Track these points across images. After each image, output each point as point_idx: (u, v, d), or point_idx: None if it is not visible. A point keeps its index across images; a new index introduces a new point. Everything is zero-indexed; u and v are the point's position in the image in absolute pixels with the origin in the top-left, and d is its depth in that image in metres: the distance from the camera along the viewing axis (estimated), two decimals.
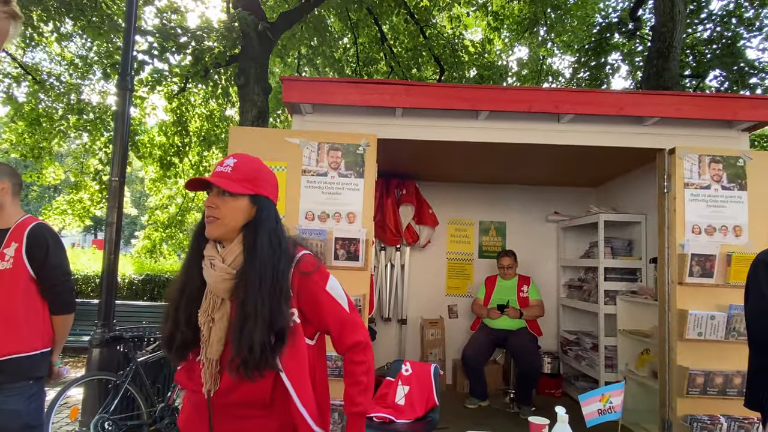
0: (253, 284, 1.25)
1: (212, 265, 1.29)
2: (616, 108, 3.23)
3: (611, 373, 4.31)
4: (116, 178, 3.74)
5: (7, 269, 2.00)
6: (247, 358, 1.21)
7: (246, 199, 1.32)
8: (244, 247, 1.31)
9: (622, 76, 10.21)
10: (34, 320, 2.06)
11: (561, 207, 5.41)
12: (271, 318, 1.24)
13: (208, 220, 1.31)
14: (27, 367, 2.00)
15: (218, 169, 1.32)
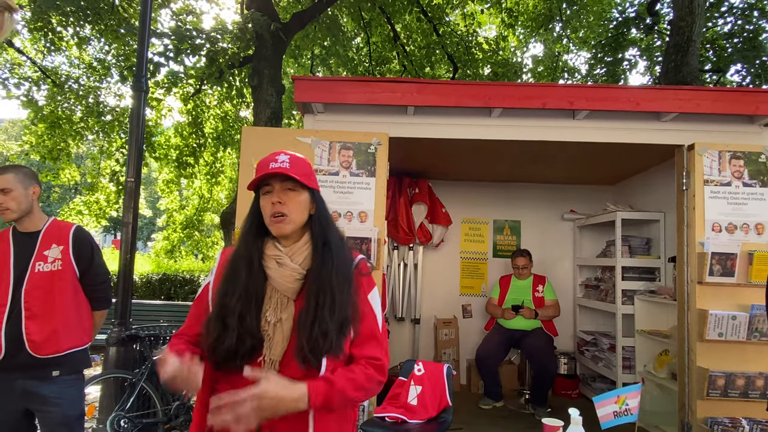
0: (327, 278, 1.26)
1: (280, 264, 1.28)
2: (632, 104, 3.16)
3: (629, 374, 4.22)
4: (132, 178, 3.78)
5: (57, 271, 2.13)
6: (320, 343, 1.20)
7: (307, 193, 1.33)
8: (313, 244, 1.31)
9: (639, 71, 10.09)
10: (84, 316, 2.22)
11: (577, 205, 5.33)
12: (342, 309, 1.25)
13: (276, 218, 1.28)
14: (80, 360, 2.19)
15: (275, 165, 1.29)
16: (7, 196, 2.08)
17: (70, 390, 2.12)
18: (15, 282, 2.07)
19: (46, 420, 2.08)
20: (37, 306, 2.06)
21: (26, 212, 2.14)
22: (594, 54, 9.34)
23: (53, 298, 2.10)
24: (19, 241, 2.14)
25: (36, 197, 2.18)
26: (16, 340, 2.02)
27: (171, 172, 9.72)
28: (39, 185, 2.20)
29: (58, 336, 2.08)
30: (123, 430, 3.17)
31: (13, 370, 2.04)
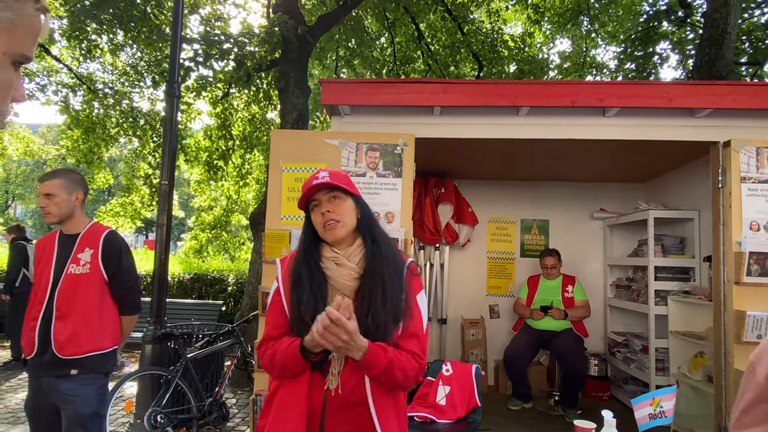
0: (378, 272, 1.37)
1: (339, 265, 1.40)
2: (665, 100, 3.08)
3: (662, 376, 4.13)
4: (165, 181, 3.90)
5: (85, 273, 2.19)
6: (372, 334, 1.29)
7: (351, 199, 1.46)
8: (365, 245, 1.44)
9: (671, 66, 9.75)
10: (108, 320, 2.26)
11: (607, 204, 5.23)
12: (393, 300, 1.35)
13: (329, 225, 1.41)
14: (100, 363, 2.21)
15: (317, 182, 1.42)
16: (50, 201, 2.17)
17: (86, 389, 2.16)
18: (53, 282, 2.16)
19: (65, 415, 2.17)
20: (66, 307, 2.14)
21: (67, 216, 2.22)
22: (624, 49, 9.12)
23: (79, 301, 2.16)
24: (62, 242, 2.24)
25: (79, 202, 2.26)
26: (45, 339, 2.12)
27: (201, 174, 9.94)
28: (84, 191, 2.29)
29: (79, 338, 2.14)
30: (159, 425, 3.27)
31: (41, 367, 2.14)
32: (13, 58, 0.60)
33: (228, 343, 4.11)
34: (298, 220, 3.18)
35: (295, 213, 3.20)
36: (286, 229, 3.16)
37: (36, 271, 2.25)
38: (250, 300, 6.28)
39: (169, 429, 3.38)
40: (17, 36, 0.60)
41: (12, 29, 0.59)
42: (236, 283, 8.54)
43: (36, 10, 0.61)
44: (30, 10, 0.60)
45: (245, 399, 5.05)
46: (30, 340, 2.14)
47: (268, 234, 3.17)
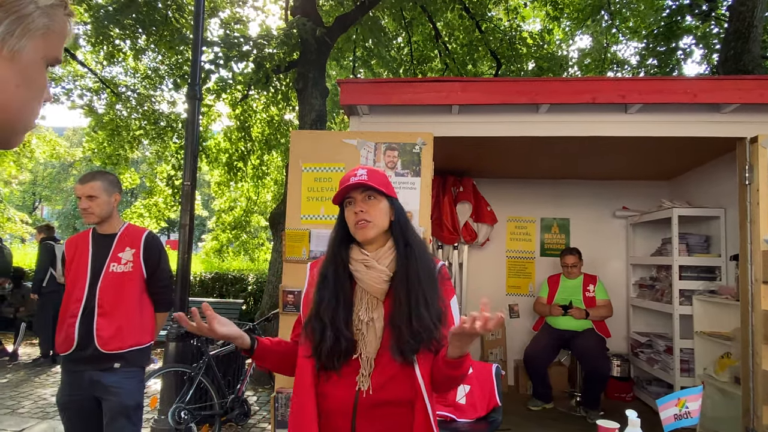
0: (414, 275, 1.36)
1: (369, 267, 1.39)
2: (689, 95, 3.02)
3: (687, 377, 4.05)
4: (188, 182, 3.96)
5: (128, 272, 2.29)
6: (422, 337, 1.29)
7: (386, 201, 1.44)
8: (396, 247, 1.42)
9: (695, 61, 9.57)
10: (146, 316, 2.36)
11: (629, 202, 5.14)
12: (434, 302, 1.34)
13: (360, 225, 1.40)
14: (140, 357, 2.32)
15: (355, 179, 1.40)
16: (93, 202, 2.26)
17: (129, 381, 2.26)
18: (91, 280, 2.24)
19: (108, 407, 2.23)
20: (108, 304, 2.22)
21: (106, 217, 2.31)
22: (646, 44, 8.95)
23: (121, 298, 2.25)
24: (97, 242, 2.32)
25: (116, 204, 2.35)
26: (87, 335, 2.19)
27: (221, 175, 10.09)
28: (120, 192, 2.38)
29: (123, 334, 2.23)
30: (183, 421, 3.33)
31: (82, 361, 2.21)
32: (47, 62, 0.64)
33: None
34: (318, 220, 3.20)
35: (315, 212, 3.23)
36: (306, 228, 3.19)
37: (70, 269, 2.32)
38: (270, 299, 6.35)
39: (192, 425, 3.45)
40: (51, 41, 0.63)
41: (47, 34, 0.62)
42: (256, 282, 8.65)
43: (65, 15, 0.64)
44: (61, 16, 0.64)
45: (266, 396, 5.12)
46: (69, 336, 2.21)
47: (288, 233, 3.21)
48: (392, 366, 1.31)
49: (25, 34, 0.59)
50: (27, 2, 0.58)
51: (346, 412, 1.33)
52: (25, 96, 0.61)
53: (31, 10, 0.59)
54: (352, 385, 1.34)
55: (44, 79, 0.64)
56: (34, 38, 0.60)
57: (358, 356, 1.35)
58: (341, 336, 1.34)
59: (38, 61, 0.62)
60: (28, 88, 0.61)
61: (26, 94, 0.61)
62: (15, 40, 0.58)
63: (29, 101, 0.62)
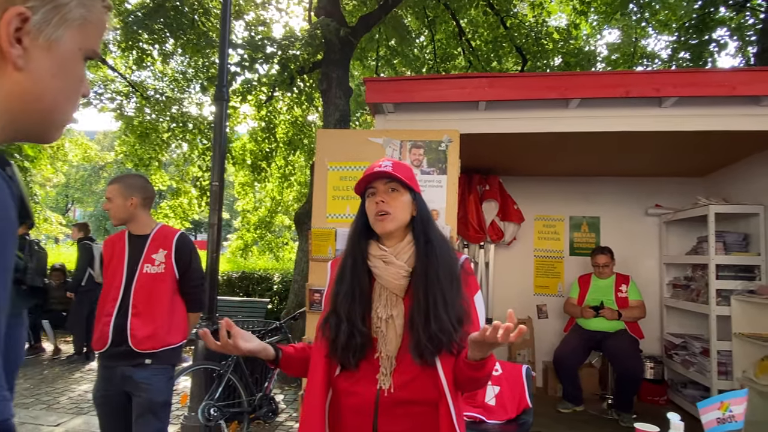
0: (434, 274, 1.31)
1: (387, 263, 1.35)
2: (727, 88, 2.92)
3: (725, 380, 3.90)
4: (216, 182, 4.02)
5: (160, 273, 2.33)
6: (440, 339, 1.25)
7: (408, 194, 1.40)
8: (416, 242, 1.38)
9: (729, 53, 9.21)
10: (177, 316, 2.40)
11: (663, 199, 4.99)
12: (454, 303, 1.30)
13: (380, 217, 1.36)
14: (172, 356, 2.36)
15: (379, 169, 1.37)
16: (110, 204, 2.33)
17: (159, 378, 2.30)
18: (126, 281, 2.29)
19: (137, 403, 2.28)
20: (142, 304, 2.27)
21: (125, 220, 2.36)
22: (677, 37, 8.69)
23: (154, 299, 2.30)
24: (132, 243, 2.37)
25: (134, 207, 2.36)
26: (120, 333, 2.24)
27: (246, 176, 10.22)
28: (141, 195, 2.39)
29: (156, 334, 2.28)
30: (213, 418, 3.37)
31: (115, 358, 2.27)
32: (85, 54, 0.63)
33: (276, 339, 4.20)
34: (344, 219, 3.20)
35: (341, 211, 3.23)
36: (332, 227, 3.20)
37: (108, 269, 2.38)
38: (296, 297, 6.40)
39: (221, 422, 3.49)
40: (89, 32, 0.63)
41: (84, 25, 0.62)
42: (281, 281, 8.73)
43: (103, 7, 0.64)
44: (99, 7, 0.63)
45: (292, 395, 5.15)
46: (104, 335, 2.26)
47: (315, 232, 3.22)
48: (414, 366, 1.28)
49: (62, 23, 0.58)
50: None
51: (368, 410, 1.31)
52: (62, 86, 0.61)
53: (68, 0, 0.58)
54: (373, 382, 1.32)
55: (82, 70, 0.64)
56: (71, 28, 0.60)
57: (378, 355, 1.33)
58: (356, 331, 1.32)
59: (75, 51, 0.62)
60: (64, 79, 0.61)
61: (62, 84, 0.61)
62: (52, 29, 0.58)
63: (65, 92, 0.62)
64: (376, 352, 1.34)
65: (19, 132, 0.60)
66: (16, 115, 0.58)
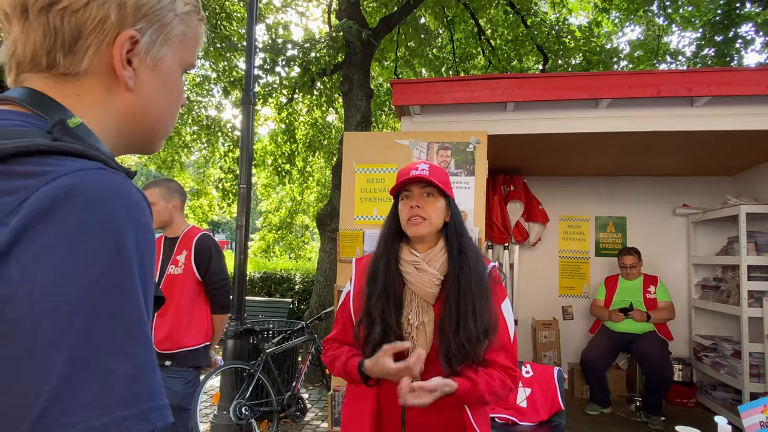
0: (466, 285, 1.32)
1: (419, 270, 1.36)
2: (762, 86, 2.87)
3: (758, 383, 3.83)
4: (244, 185, 4.08)
5: (180, 274, 2.35)
6: (465, 349, 1.28)
7: (443, 200, 1.40)
8: (449, 250, 1.38)
9: (755, 49, 8.98)
10: (200, 318, 2.41)
11: (691, 199, 4.91)
12: (483, 316, 1.31)
13: (414, 221, 1.37)
14: (191, 358, 2.36)
15: (415, 173, 1.37)
16: (153, 208, 2.34)
17: (174, 381, 2.29)
18: (157, 283, 2.33)
19: None
20: (164, 306, 2.28)
21: (166, 223, 2.40)
22: (702, 34, 8.53)
23: (175, 300, 2.31)
24: (165, 246, 2.42)
25: (176, 209, 2.42)
26: None
27: (268, 177, 10.33)
28: (181, 198, 2.45)
29: (175, 335, 2.29)
30: (244, 416, 3.43)
31: None
32: (183, 68, 0.66)
33: (302, 339, 4.24)
34: (371, 220, 3.23)
35: (368, 213, 3.26)
36: (360, 229, 3.23)
37: None
38: (319, 298, 6.45)
39: (252, 421, 3.54)
40: (187, 47, 0.65)
41: (184, 42, 0.64)
42: (302, 281, 8.81)
43: (198, 21, 0.67)
44: (195, 21, 0.66)
45: (317, 394, 5.20)
46: None
47: (342, 234, 3.25)
48: (441, 372, 1.30)
49: (166, 42, 0.61)
50: (167, 10, 0.60)
51: (397, 404, 1.32)
52: (166, 102, 0.64)
53: (170, 18, 0.61)
54: None
55: (182, 84, 0.67)
56: (173, 46, 0.62)
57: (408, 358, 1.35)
58: (390, 331, 1.34)
59: (176, 67, 0.64)
60: (168, 95, 0.64)
61: (166, 100, 0.64)
62: (157, 48, 0.60)
63: (169, 107, 0.65)
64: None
65: (128, 146, 0.63)
66: (126, 131, 0.61)
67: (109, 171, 0.50)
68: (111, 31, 0.55)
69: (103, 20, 0.54)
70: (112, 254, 0.45)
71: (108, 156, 0.53)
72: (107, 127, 0.59)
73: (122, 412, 0.43)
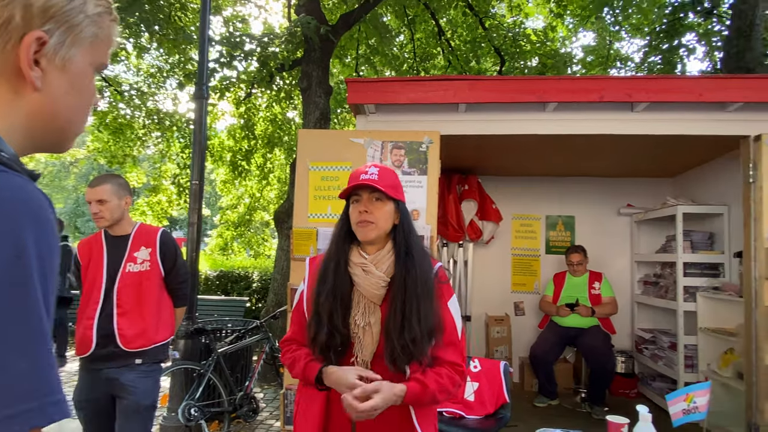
0: (412, 287, 1.35)
1: (367, 272, 1.39)
2: (695, 94, 3.05)
3: (691, 373, 4.08)
4: (196, 181, 3.99)
5: (145, 271, 2.31)
6: (410, 350, 1.31)
7: (392, 204, 1.43)
8: (396, 252, 1.41)
9: (698, 58, 9.51)
10: (165, 313, 2.39)
11: (634, 199, 5.17)
12: (427, 317, 1.34)
13: (362, 224, 1.40)
14: (161, 352, 2.35)
15: (365, 177, 1.40)
16: (103, 206, 2.26)
17: (146, 380, 2.27)
18: (107, 282, 2.26)
19: (123, 406, 2.25)
20: (129, 304, 2.25)
21: (117, 220, 2.32)
22: (648, 41, 8.96)
23: (142, 297, 2.28)
24: (111, 243, 2.34)
25: (127, 207, 2.36)
26: (106, 335, 2.21)
27: (227, 174, 10.12)
28: (131, 195, 2.40)
29: (147, 331, 2.26)
30: (193, 418, 3.37)
31: (101, 360, 2.23)
32: (95, 68, 0.66)
33: (256, 338, 4.20)
34: (325, 218, 3.23)
35: (322, 211, 3.26)
36: (313, 227, 3.22)
37: (87, 273, 2.34)
38: (276, 296, 6.39)
39: (202, 422, 3.49)
40: (99, 48, 0.65)
41: (95, 43, 0.64)
42: (260, 279, 8.69)
43: (110, 21, 0.67)
44: (107, 22, 0.66)
45: (272, 393, 5.16)
46: (87, 338, 2.22)
47: (296, 232, 3.24)
48: (387, 372, 1.33)
49: (75, 43, 0.61)
50: (76, 12, 0.60)
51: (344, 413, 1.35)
52: (75, 102, 0.64)
53: (80, 19, 0.61)
54: None
55: (93, 85, 0.67)
56: (83, 46, 0.62)
57: (354, 359, 1.38)
58: (336, 332, 1.37)
59: (87, 67, 0.64)
60: (77, 95, 0.64)
61: (76, 100, 0.64)
62: (66, 49, 0.60)
63: (79, 107, 0.65)
64: (353, 356, 1.39)
65: (37, 146, 0.63)
66: (35, 132, 0.61)
67: (10, 173, 0.50)
68: (16, 32, 0.55)
69: (7, 21, 0.54)
70: (10, 257, 0.46)
71: (10, 157, 0.52)
72: (14, 127, 0.58)
73: (22, 406, 0.45)
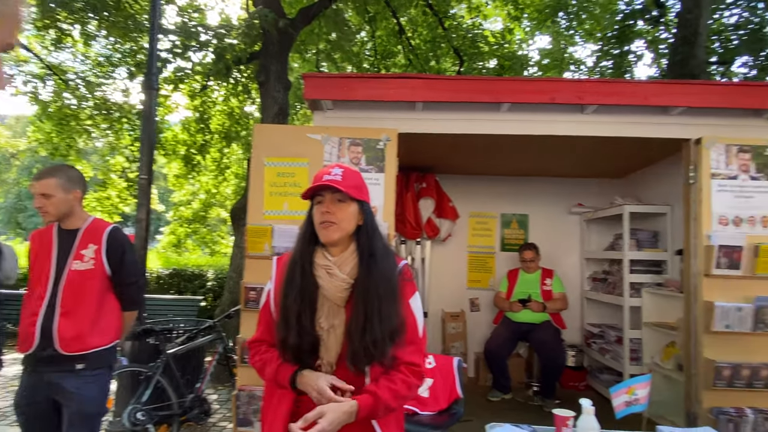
0: (374, 289, 1.34)
1: (330, 275, 1.37)
2: (641, 98, 3.17)
3: (636, 365, 4.27)
4: (144, 176, 3.84)
5: (89, 270, 2.16)
6: (371, 352, 1.30)
7: (356, 205, 1.41)
8: (359, 254, 1.39)
9: (646, 64, 10.07)
10: (110, 315, 2.24)
11: (584, 199, 5.35)
12: (389, 318, 1.33)
13: (324, 225, 1.38)
14: (105, 357, 2.20)
15: (328, 177, 1.38)
16: (48, 201, 2.12)
17: (90, 386, 2.14)
18: (54, 278, 2.12)
19: (68, 413, 2.12)
20: (70, 304, 2.11)
21: (65, 215, 2.18)
22: (600, 46, 9.31)
23: (83, 297, 2.14)
24: (61, 238, 2.19)
25: (77, 201, 2.21)
26: (47, 335, 2.08)
27: (179, 168, 9.79)
28: (82, 188, 2.23)
29: (84, 335, 2.12)
30: (140, 422, 3.23)
31: (42, 362, 2.09)
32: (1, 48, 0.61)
33: (209, 338, 4.08)
34: (281, 215, 3.17)
35: (278, 208, 3.19)
36: (269, 224, 3.15)
37: (34, 266, 2.19)
38: (231, 295, 6.24)
39: (149, 426, 3.36)
40: (3, 26, 0.61)
41: None
42: (216, 278, 8.46)
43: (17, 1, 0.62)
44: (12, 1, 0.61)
45: (226, 394, 5.04)
46: (30, 335, 2.09)
47: (250, 229, 3.16)
48: (348, 374, 1.34)
49: None
50: None
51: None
52: None
53: None
54: None
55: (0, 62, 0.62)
56: None
57: (321, 361, 1.37)
58: (305, 333, 1.36)
59: None
60: None
61: None
62: None
63: None
64: (319, 359, 1.38)
65: None
66: None
67: None
68: None
69: None
70: None
71: None
72: None
73: None
